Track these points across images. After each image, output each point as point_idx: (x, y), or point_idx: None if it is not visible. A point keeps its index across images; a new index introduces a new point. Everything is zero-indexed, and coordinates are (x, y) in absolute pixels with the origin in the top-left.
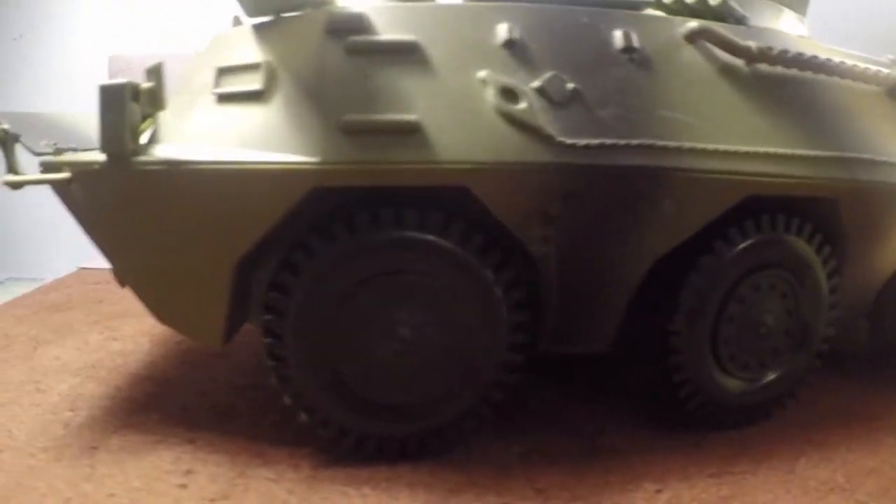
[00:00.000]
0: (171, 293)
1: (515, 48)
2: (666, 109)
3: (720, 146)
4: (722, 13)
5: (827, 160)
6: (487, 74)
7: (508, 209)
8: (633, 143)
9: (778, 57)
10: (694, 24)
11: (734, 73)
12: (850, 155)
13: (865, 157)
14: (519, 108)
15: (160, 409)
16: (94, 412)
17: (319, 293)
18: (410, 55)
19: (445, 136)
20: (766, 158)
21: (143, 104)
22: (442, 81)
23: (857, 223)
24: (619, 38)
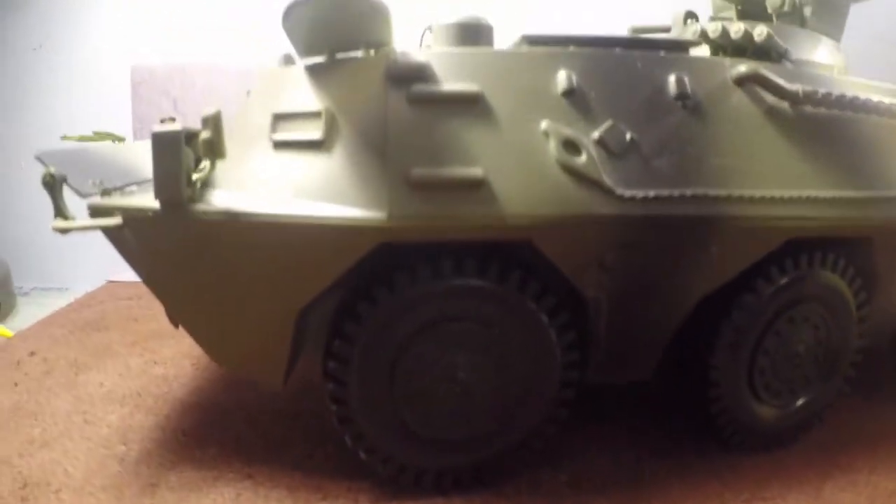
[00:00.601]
0: (229, 339)
1: (575, 97)
2: (717, 156)
3: (766, 192)
4: (766, 48)
5: (863, 201)
6: (549, 126)
7: (567, 258)
8: (686, 193)
9: (822, 99)
10: (743, 67)
11: (779, 115)
12: (885, 194)
13: None
14: (580, 160)
15: (213, 441)
16: (146, 445)
17: (382, 340)
18: (474, 106)
19: (509, 189)
20: (807, 203)
21: (201, 154)
22: (505, 133)
23: (888, 258)
24: (672, 84)
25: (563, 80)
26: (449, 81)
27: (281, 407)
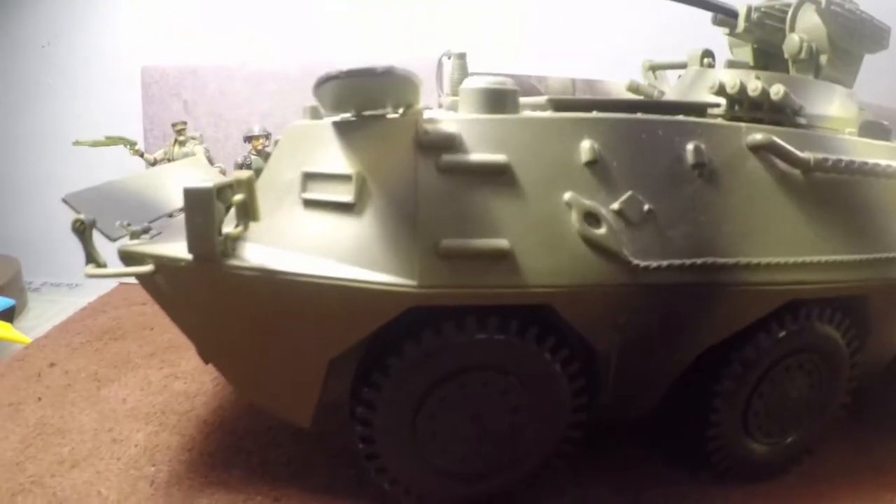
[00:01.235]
0: (259, 381)
1: (597, 167)
2: (727, 224)
3: (771, 259)
4: (782, 105)
5: (862, 263)
6: (571, 197)
7: (583, 320)
8: (697, 262)
9: (832, 167)
10: (759, 136)
11: (790, 181)
12: (883, 255)
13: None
14: (600, 232)
15: (240, 464)
16: (175, 466)
17: (407, 388)
18: (501, 176)
19: (533, 260)
20: (810, 267)
21: (235, 216)
22: (530, 203)
23: (882, 312)
24: (690, 153)
25: (586, 149)
26: (477, 151)
27: (303, 428)
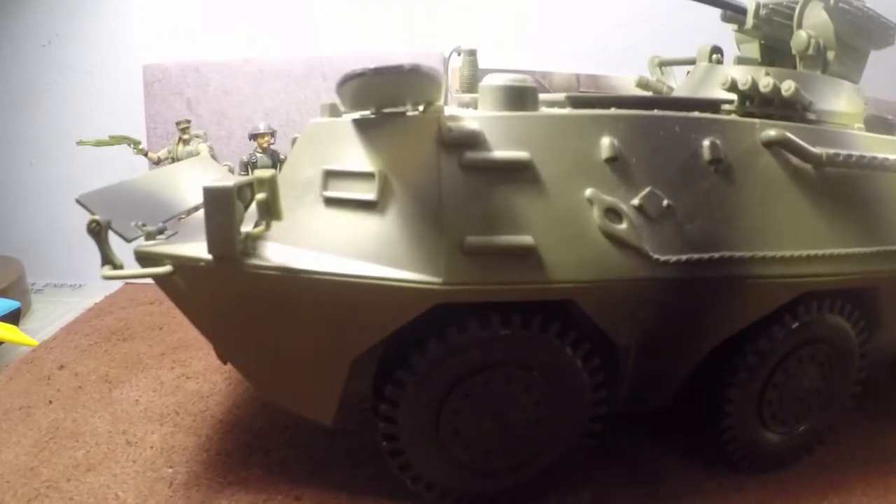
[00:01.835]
0: (281, 380)
1: (617, 163)
2: (743, 218)
3: (786, 252)
4: (792, 101)
5: (872, 255)
6: (592, 194)
7: (604, 314)
8: (714, 256)
9: (843, 162)
10: (773, 132)
11: (802, 176)
12: (892, 248)
13: None
14: (621, 228)
15: (258, 463)
16: (192, 467)
17: (431, 384)
18: (524, 173)
19: (556, 256)
20: (823, 260)
21: (257, 215)
22: (552, 200)
23: (891, 303)
24: (707, 148)
25: (606, 146)
26: (499, 148)
27: (320, 425)
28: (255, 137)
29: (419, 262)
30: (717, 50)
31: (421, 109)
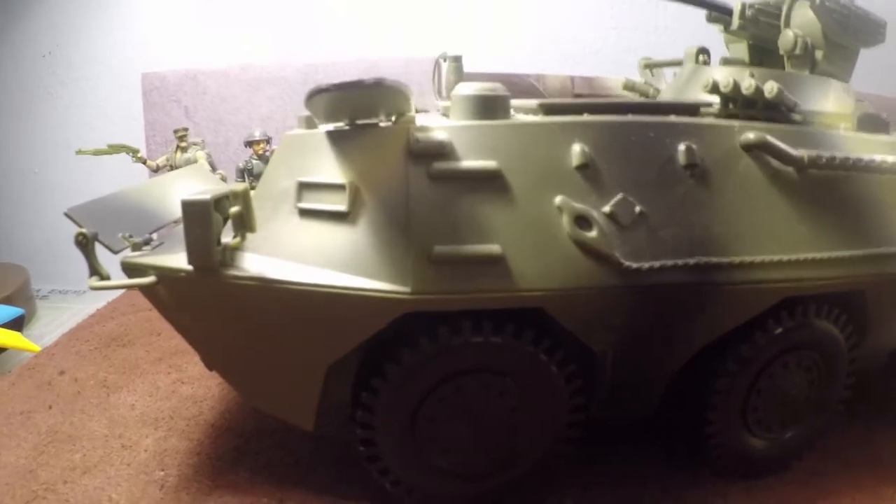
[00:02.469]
0: (261, 387)
1: (588, 171)
2: (721, 224)
3: (766, 257)
4: (776, 103)
5: (859, 258)
6: (562, 201)
7: (576, 322)
8: (689, 262)
9: (826, 164)
10: (752, 135)
11: (783, 179)
12: (879, 251)
13: (893, 250)
14: (591, 235)
15: (247, 465)
16: (183, 470)
17: (406, 392)
18: (493, 182)
19: (524, 264)
20: (805, 264)
21: (233, 228)
22: (521, 208)
23: (880, 306)
24: (682, 153)
25: (577, 153)
26: (468, 157)
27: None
28: (250, 144)
29: (388, 271)
30: (703, 51)
31: (393, 121)
